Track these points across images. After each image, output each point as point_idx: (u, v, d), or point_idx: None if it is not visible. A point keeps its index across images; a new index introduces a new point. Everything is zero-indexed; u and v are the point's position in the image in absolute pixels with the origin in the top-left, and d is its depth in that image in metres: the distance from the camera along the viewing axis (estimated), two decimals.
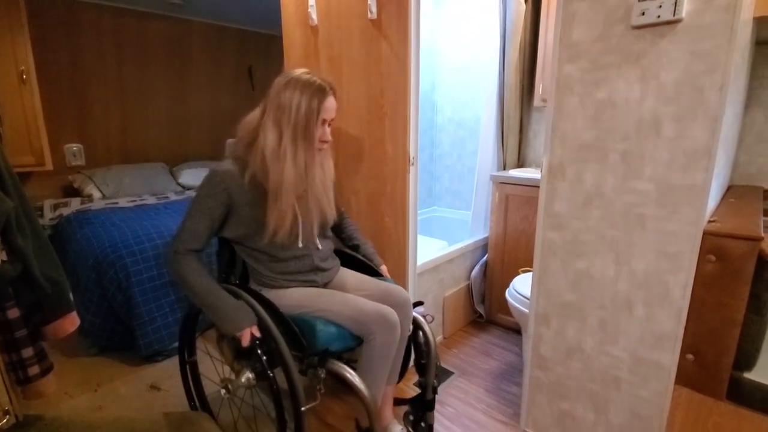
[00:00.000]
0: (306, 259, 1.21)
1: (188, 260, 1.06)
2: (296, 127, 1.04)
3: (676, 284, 1.03)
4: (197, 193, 1.08)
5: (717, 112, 0.92)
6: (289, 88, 1.04)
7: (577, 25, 1.09)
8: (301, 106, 1.04)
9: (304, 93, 1.04)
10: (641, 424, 1.14)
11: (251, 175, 1.07)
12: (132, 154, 3.00)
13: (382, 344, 1.09)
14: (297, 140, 1.05)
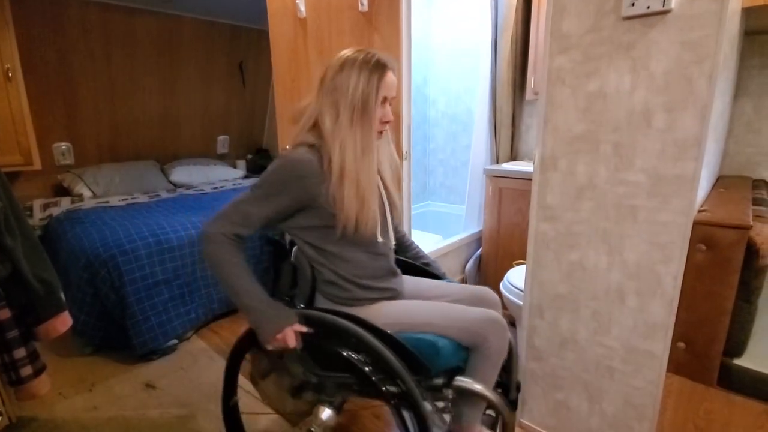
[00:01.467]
0: (382, 260, 1.07)
1: (230, 246, 0.93)
2: (354, 108, 0.96)
3: (667, 274, 1.04)
4: (264, 178, 0.96)
5: (706, 102, 0.93)
6: (346, 68, 0.97)
7: (568, 17, 1.09)
8: (359, 85, 0.95)
9: (362, 71, 0.96)
10: (635, 412, 1.16)
11: (328, 161, 0.96)
12: (122, 153, 2.97)
13: (497, 350, 0.99)
14: (354, 122, 0.96)
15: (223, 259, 0.92)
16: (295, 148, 0.99)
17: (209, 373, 1.71)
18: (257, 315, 0.93)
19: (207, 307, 2.05)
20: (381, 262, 1.07)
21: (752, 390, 1.00)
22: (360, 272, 1.04)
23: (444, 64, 2.54)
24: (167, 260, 1.87)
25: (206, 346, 1.92)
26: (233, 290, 0.93)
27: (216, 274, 0.94)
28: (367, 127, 0.98)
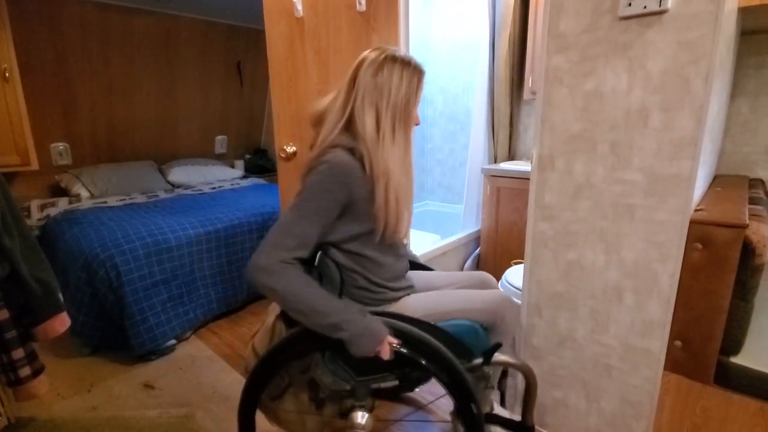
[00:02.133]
0: (403, 260, 1.10)
1: (295, 269, 0.88)
2: (396, 109, 0.94)
3: (664, 272, 1.04)
4: (310, 191, 0.90)
5: (702, 101, 0.93)
6: (386, 66, 0.94)
7: (565, 17, 1.10)
8: (402, 86, 0.94)
9: (405, 72, 0.95)
10: (632, 410, 1.16)
11: (369, 164, 0.93)
12: (120, 153, 2.96)
13: (511, 322, 1.09)
14: (396, 123, 0.95)
15: (294, 285, 0.87)
16: (330, 150, 0.93)
17: (208, 374, 1.71)
18: (356, 329, 0.86)
19: (206, 307, 2.05)
20: (403, 263, 1.10)
21: (748, 388, 1.00)
22: (390, 275, 1.05)
23: (442, 63, 2.54)
24: (165, 260, 1.87)
25: (205, 346, 1.92)
26: (317, 311, 0.86)
27: (288, 303, 0.87)
28: (407, 129, 0.99)
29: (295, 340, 0.94)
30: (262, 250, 0.88)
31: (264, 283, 0.86)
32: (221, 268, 2.10)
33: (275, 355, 0.96)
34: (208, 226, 2.06)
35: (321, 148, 0.94)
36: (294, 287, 0.87)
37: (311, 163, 0.94)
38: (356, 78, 0.95)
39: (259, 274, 0.86)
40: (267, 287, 0.86)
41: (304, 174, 0.95)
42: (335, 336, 0.87)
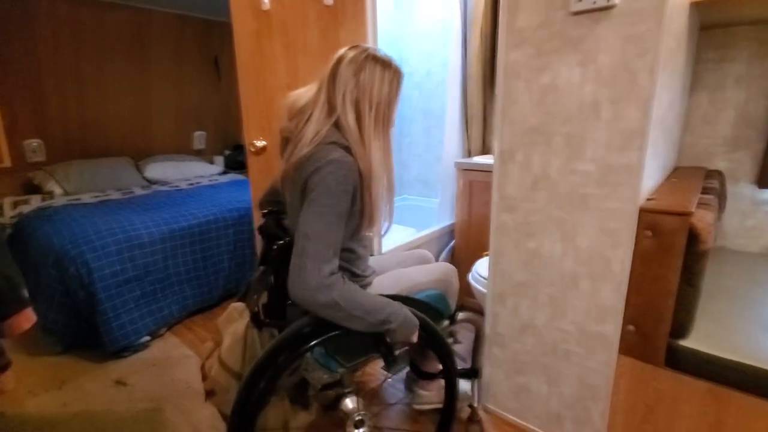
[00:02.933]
0: (369, 248, 1.15)
1: (343, 278, 0.89)
2: (378, 110, 0.95)
3: (616, 259, 1.08)
4: (330, 193, 0.88)
5: (648, 94, 0.97)
6: (368, 66, 0.94)
7: (521, 12, 1.12)
8: (384, 87, 0.95)
9: (386, 73, 0.96)
10: (590, 393, 1.21)
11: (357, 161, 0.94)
12: (94, 149, 2.92)
13: (456, 285, 1.28)
14: (378, 122, 0.96)
15: (350, 293, 0.88)
16: (329, 148, 0.91)
17: (182, 369, 1.71)
18: (399, 319, 0.92)
19: (180, 303, 2.04)
20: (368, 250, 1.16)
21: (697, 370, 1.05)
22: (365, 264, 1.12)
23: (417, 59, 2.56)
24: (138, 257, 1.86)
25: (180, 342, 1.92)
26: (371, 311, 0.89)
27: (344, 312, 0.86)
28: (388, 127, 1.00)
29: (291, 338, 0.90)
30: (307, 268, 0.84)
31: (324, 302, 0.84)
32: (196, 264, 2.09)
33: (270, 360, 0.88)
34: (181, 222, 2.05)
35: (315, 144, 0.91)
36: (350, 294, 0.88)
37: (312, 160, 0.90)
38: (336, 74, 0.95)
39: (318, 294, 0.84)
40: (327, 304, 0.85)
41: (310, 172, 0.89)
42: (383, 329, 0.91)
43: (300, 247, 0.86)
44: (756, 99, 1.57)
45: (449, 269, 1.27)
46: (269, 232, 1.09)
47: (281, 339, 0.90)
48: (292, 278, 0.85)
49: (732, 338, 1.06)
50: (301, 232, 0.87)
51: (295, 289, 0.84)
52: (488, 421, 1.42)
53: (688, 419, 1.07)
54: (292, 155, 0.94)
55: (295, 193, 0.96)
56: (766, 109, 1.56)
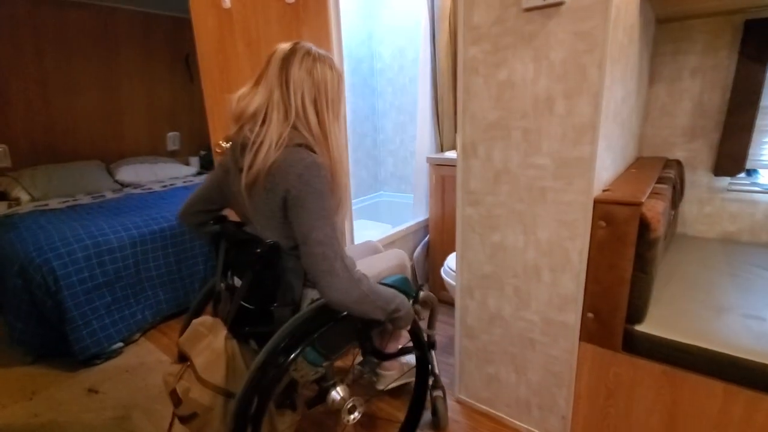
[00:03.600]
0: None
1: (357, 272, 0.92)
2: (332, 105, 0.98)
3: (574, 250, 1.11)
4: (323, 196, 0.89)
5: (598, 88, 0.99)
6: (319, 63, 0.95)
7: (477, 9, 1.14)
8: (334, 81, 0.97)
9: (333, 69, 0.98)
10: (555, 379, 1.24)
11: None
12: (63, 153, 2.84)
13: (409, 268, 1.35)
14: (334, 115, 0.99)
15: (371, 285, 0.92)
16: (301, 151, 0.91)
17: (156, 375, 1.70)
18: (405, 306, 1.00)
19: (154, 308, 2.02)
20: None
21: (652, 353, 1.09)
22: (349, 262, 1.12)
23: (389, 55, 2.56)
24: (107, 262, 1.82)
25: (154, 347, 1.90)
26: (387, 300, 0.94)
27: (369, 304, 0.91)
28: (340, 122, 1.02)
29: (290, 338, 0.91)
30: (337, 271, 0.87)
31: (357, 297, 0.89)
32: (169, 267, 2.07)
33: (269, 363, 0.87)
34: (153, 225, 2.02)
35: (284, 148, 0.91)
36: (373, 286, 0.92)
37: (287, 166, 0.89)
38: (288, 75, 0.93)
39: (352, 291, 0.88)
40: (360, 299, 0.89)
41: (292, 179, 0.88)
42: (394, 316, 0.98)
43: (320, 253, 0.87)
44: (711, 90, 1.63)
45: (402, 254, 1.35)
46: (234, 238, 1.07)
47: (278, 340, 0.90)
48: (325, 283, 0.87)
49: (684, 321, 1.11)
50: (312, 240, 0.87)
51: (330, 292, 0.87)
52: (461, 412, 1.45)
53: (646, 401, 1.12)
54: (256, 162, 0.91)
55: (270, 200, 0.92)
56: (720, 99, 1.61)
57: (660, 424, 1.11)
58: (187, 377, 0.92)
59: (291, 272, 0.98)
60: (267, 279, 0.97)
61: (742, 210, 1.64)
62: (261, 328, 0.99)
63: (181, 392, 0.90)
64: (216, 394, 0.91)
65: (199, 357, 0.93)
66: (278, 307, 0.98)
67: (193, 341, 0.96)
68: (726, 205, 1.67)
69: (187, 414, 0.91)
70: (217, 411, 0.91)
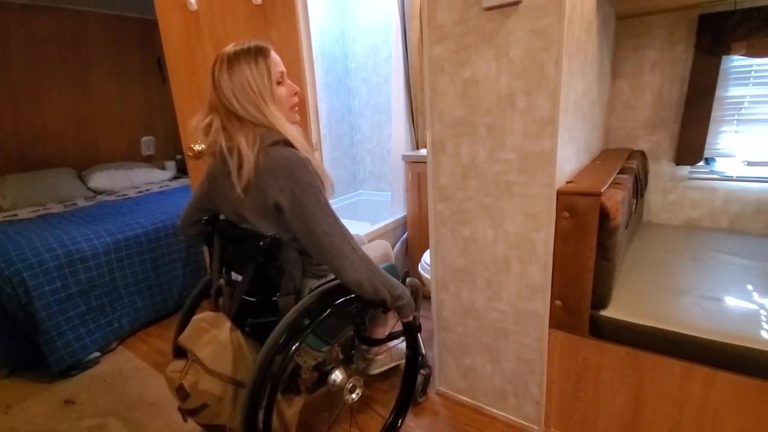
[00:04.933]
0: None
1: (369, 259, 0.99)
2: (261, 95, 0.98)
3: (540, 240, 1.15)
4: (320, 189, 0.94)
5: (555, 84, 1.03)
6: (234, 65, 0.97)
7: (440, 8, 1.16)
8: (254, 73, 0.98)
9: (250, 61, 0.98)
10: (527, 367, 1.28)
11: None
12: (33, 161, 2.77)
13: (392, 256, 1.42)
14: (269, 104, 1.00)
15: (373, 263, 0.99)
16: (273, 150, 0.95)
17: (135, 383, 1.68)
18: (408, 294, 1.06)
19: (132, 316, 1.99)
20: None
21: (616, 336, 1.14)
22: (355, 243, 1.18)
23: (362, 54, 2.57)
24: (80, 271, 1.79)
25: (132, 355, 1.88)
26: (393, 284, 1.02)
27: (383, 284, 0.99)
28: (281, 105, 1.03)
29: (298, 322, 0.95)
30: (347, 255, 0.94)
31: (368, 276, 0.96)
32: (146, 274, 2.04)
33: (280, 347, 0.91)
34: (127, 231, 1.99)
35: (259, 150, 0.94)
36: (376, 266, 1.00)
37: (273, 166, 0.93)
38: (217, 84, 0.98)
39: (365, 272, 0.96)
40: (371, 276, 0.97)
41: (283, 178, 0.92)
42: (398, 304, 1.04)
43: (328, 243, 0.93)
44: (670, 83, 1.69)
45: (386, 244, 1.43)
46: (230, 235, 1.08)
47: (284, 327, 0.93)
48: (340, 268, 0.94)
49: (646, 305, 1.16)
50: (318, 233, 0.92)
51: (348, 276, 0.94)
52: (441, 404, 1.48)
53: (613, 382, 1.17)
54: (243, 164, 0.94)
55: (262, 199, 0.96)
56: (679, 92, 1.68)
57: (626, 405, 1.16)
58: (193, 371, 0.94)
59: (291, 263, 1.02)
60: (270, 271, 1.01)
61: (702, 197, 1.72)
62: (265, 318, 1.03)
63: (189, 386, 0.92)
64: (225, 383, 0.95)
65: (205, 350, 0.95)
66: (282, 297, 1.02)
67: (196, 336, 0.99)
68: (688, 193, 1.74)
69: (196, 407, 0.94)
70: (227, 400, 0.95)
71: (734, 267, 1.34)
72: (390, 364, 1.51)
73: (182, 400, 0.94)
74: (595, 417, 1.22)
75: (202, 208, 1.17)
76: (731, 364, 0.99)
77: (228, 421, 0.96)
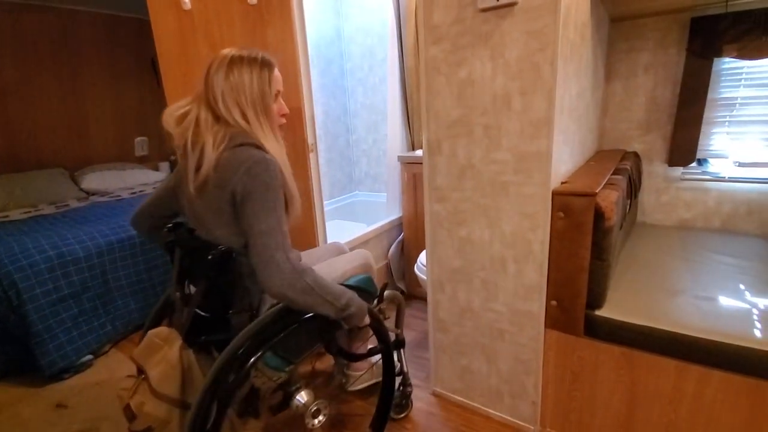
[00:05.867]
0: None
1: (301, 265, 0.91)
2: (253, 105, 0.98)
3: (536, 241, 1.16)
4: (272, 189, 0.91)
5: (551, 85, 1.04)
6: (236, 66, 0.97)
7: (436, 9, 1.16)
8: (253, 82, 0.98)
9: (253, 68, 0.99)
10: (523, 367, 1.29)
11: None
12: (25, 162, 2.73)
13: (375, 270, 1.37)
14: (259, 117, 0.99)
15: (319, 277, 0.92)
16: (247, 149, 0.93)
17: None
18: (357, 303, 0.99)
19: (125, 318, 1.97)
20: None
21: (611, 336, 1.14)
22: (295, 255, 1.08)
23: (358, 55, 2.58)
24: (73, 273, 1.77)
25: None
26: (336, 295, 0.94)
27: (316, 297, 0.91)
28: (270, 121, 1.02)
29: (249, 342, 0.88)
30: (277, 260, 0.86)
31: (301, 287, 0.88)
32: (140, 276, 2.02)
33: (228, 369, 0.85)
34: (120, 233, 1.97)
35: (224, 149, 0.92)
36: (320, 279, 0.92)
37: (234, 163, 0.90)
38: (209, 80, 0.96)
39: (295, 282, 0.87)
40: (304, 289, 0.88)
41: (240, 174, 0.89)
42: (344, 315, 0.96)
43: (261, 244, 0.87)
44: (663, 85, 1.71)
45: (367, 254, 1.37)
46: (188, 245, 1.04)
47: (237, 345, 0.88)
48: (266, 274, 0.87)
49: (640, 305, 1.17)
50: (255, 231, 0.88)
51: (270, 282, 0.86)
52: (437, 405, 1.48)
53: (608, 382, 1.18)
54: (202, 163, 0.92)
55: (219, 196, 0.94)
56: (671, 94, 1.70)
57: (621, 404, 1.17)
58: (142, 391, 0.90)
59: (247, 277, 0.98)
60: (222, 285, 0.97)
61: (695, 198, 1.74)
62: (217, 336, 0.98)
63: (135, 407, 0.88)
64: (172, 406, 0.89)
65: (154, 369, 0.91)
66: (235, 314, 0.98)
67: (148, 353, 0.94)
68: (681, 194, 1.76)
69: (141, 429, 0.89)
70: (174, 424, 0.89)
71: (727, 267, 1.36)
72: (370, 381, 1.44)
73: (129, 421, 0.90)
74: (591, 416, 1.23)
75: (159, 204, 1.13)
76: (725, 363, 1.00)
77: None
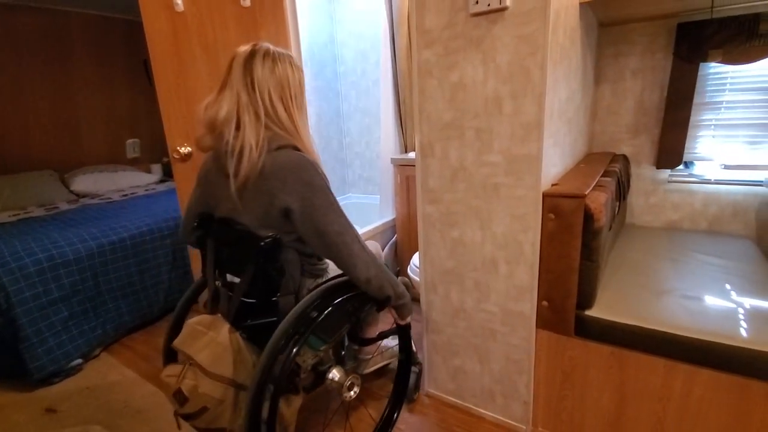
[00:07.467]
0: None
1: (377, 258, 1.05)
2: (296, 99, 1.01)
3: (527, 242, 1.17)
4: (328, 190, 0.98)
5: (541, 89, 1.05)
6: (279, 61, 0.99)
7: (428, 13, 1.18)
8: (295, 77, 1.00)
9: (292, 63, 1.01)
10: (515, 367, 1.30)
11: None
12: (12, 163, 2.70)
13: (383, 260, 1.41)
14: (300, 112, 1.03)
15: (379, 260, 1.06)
16: (282, 153, 0.95)
17: (119, 390, 1.65)
18: (408, 295, 1.13)
19: (117, 321, 1.95)
20: None
21: (601, 336, 1.16)
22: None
23: (351, 59, 2.59)
24: (63, 276, 1.75)
25: (116, 362, 1.84)
26: (395, 282, 1.08)
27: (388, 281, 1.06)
28: (303, 111, 1.06)
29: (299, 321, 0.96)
30: (356, 253, 0.99)
31: (376, 271, 1.02)
32: (131, 279, 2.00)
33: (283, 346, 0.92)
34: (111, 236, 1.95)
35: (265, 152, 0.94)
36: (384, 267, 1.06)
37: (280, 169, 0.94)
38: (251, 75, 0.96)
39: (373, 269, 1.01)
40: (378, 272, 1.03)
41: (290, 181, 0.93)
42: (399, 302, 1.11)
43: (341, 242, 0.97)
44: (650, 89, 1.74)
45: (376, 245, 1.42)
46: (226, 237, 1.07)
47: (286, 327, 0.94)
48: (353, 266, 0.99)
49: (629, 305, 1.19)
50: (330, 233, 0.96)
51: (358, 272, 0.99)
52: (430, 405, 1.49)
53: (598, 381, 1.19)
54: (241, 168, 0.93)
55: (266, 203, 0.96)
56: (659, 97, 1.73)
57: (611, 402, 1.18)
58: (191, 375, 0.93)
59: (291, 263, 1.04)
60: (270, 271, 1.01)
61: (682, 200, 1.77)
62: (263, 320, 1.03)
63: (188, 390, 0.91)
64: (226, 386, 0.93)
65: (202, 353, 0.93)
66: (282, 297, 1.03)
67: (192, 340, 0.97)
68: (668, 196, 1.79)
69: (194, 411, 0.92)
70: (228, 402, 0.93)
71: (713, 267, 1.39)
72: (381, 363, 1.52)
73: (180, 405, 0.92)
74: (582, 415, 1.24)
75: (198, 213, 1.14)
76: (712, 362, 1.02)
77: (228, 423, 0.95)
